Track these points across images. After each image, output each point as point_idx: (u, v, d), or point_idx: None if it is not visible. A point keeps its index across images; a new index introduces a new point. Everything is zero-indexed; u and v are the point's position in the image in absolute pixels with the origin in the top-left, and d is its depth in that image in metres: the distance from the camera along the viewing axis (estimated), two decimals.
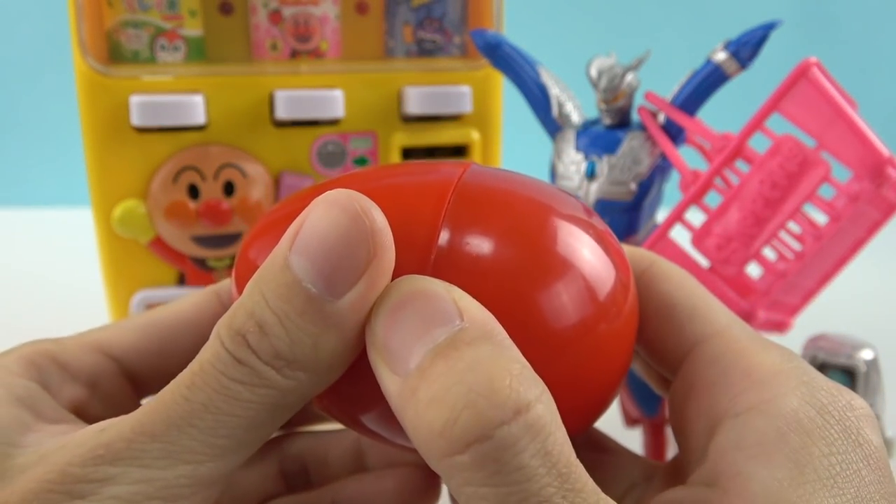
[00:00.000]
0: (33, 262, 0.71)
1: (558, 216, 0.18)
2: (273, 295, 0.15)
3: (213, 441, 0.15)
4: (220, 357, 0.16)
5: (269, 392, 0.15)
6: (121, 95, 0.35)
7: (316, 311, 0.15)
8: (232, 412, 0.15)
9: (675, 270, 0.21)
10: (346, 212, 0.15)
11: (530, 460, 0.14)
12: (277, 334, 0.15)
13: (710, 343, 0.19)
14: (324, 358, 0.16)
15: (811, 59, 0.30)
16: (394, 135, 0.39)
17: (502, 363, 0.14)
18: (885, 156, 0.28)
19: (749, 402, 0.17)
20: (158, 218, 0.36)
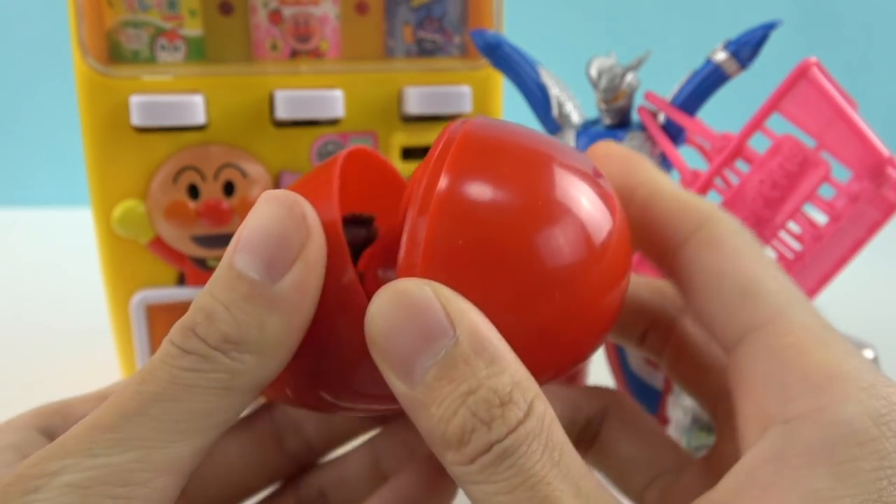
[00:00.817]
0: (33, 262, 0.71)
1: (558, 164, 0.18)
2: (219, 289, 0.17)
3: (164, 427, 0.16)
4: (168, 352, 0.17)
5: (218, 376, 0.16)
6: (121, 95, 0.35)
7: (259, 294, 0.17)
8: (181, 398, 0.16)
9: (729, 235, 0.19)
10: (280, 205, 0.17)
11: (534, 461, 0.15)
12: (224, 319, 0.16)
13: (763, 333, 0.17)
14: (270, 339, 0.17)
15: (811, 59, 0.30)
16: (394, 135, 0.39)
17: (497, 382, 0.15)
18: (885, 156, 0.28)
19: (801, 408, 0.16)
20: (158, 218, 0.36)
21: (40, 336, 0.53)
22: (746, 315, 0.18)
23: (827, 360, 0.16)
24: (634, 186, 0.21)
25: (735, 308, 0.18)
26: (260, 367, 0.17)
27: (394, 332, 0.16)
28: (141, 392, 0.16)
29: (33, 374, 0.47)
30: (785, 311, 0.17)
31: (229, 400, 0.17)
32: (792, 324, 0.17)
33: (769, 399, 0.16)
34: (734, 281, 0.18)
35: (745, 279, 0.18)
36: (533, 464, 0.15)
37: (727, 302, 0.18)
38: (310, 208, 0.18)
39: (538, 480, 0.15)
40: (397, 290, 0.16)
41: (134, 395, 0.16)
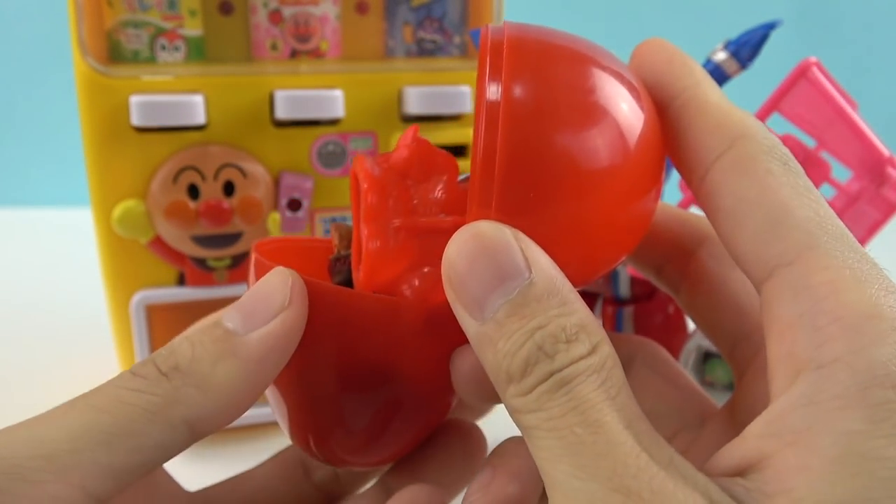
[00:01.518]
0: (33, 262, 0.71)
1: (604, 69, 0.18)
2: (195, 332, 0.18)
3: (79, 434, 0.16)
4: (121, 375, 0.17)
5: (153, 399, 0.17)
6: (121, 95, 0.35)
7: (225, 339, 0.18)
8: (108, 410, 0.17)
9: (761, 154, 0.17)
10: (275, 273, 0.19)
11: (589, 390, 0.15)
12: (183, 352, 0.18)
13: (793, 269, 0.16)
14: (218, 379, 0.17)
15: (811, 59, 0.30)
16: (394, 135, 0.39)
17: (566, 321, 0.16)
18: (885, 156, 0.29)
19: (835, 352, 0.15)
20: (158, 218, 0.36)
21: (40, 336, 0.53)
22: (774, 248, 0.16)
23: (861, 299, 0.15)
24: (673, 95, 0.19)
25: (762, 240, 0.16)
26: (198, 404, 0.17)
27: (470, 270, 0.17)
28: (74, 403, 0.17)
29: (33, 374, 0.47)
30: (817, 243, 0.16)
31: (157, 427, 0.17)
32: (824, 258, 0.16)
33: (801, 343, 0.15)
34: (763, 209, 0.17)
35: (775, 207, 0.16)
36: (588, 392, 0.15)
37: (754, 232, 0.17)
38: (300, 281, 0.19)
39: (590, 406, 0.15)
40: (476, 233, 0.17)
41: (66, 405, 0.17)
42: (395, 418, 0.22)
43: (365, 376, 0.20)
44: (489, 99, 0.17)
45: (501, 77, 0.17)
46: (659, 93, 0.19)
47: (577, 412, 0.15)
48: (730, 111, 0.18)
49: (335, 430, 0.21)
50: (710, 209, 0.18)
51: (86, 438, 0.16)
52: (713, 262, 0.21)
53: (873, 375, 0.14)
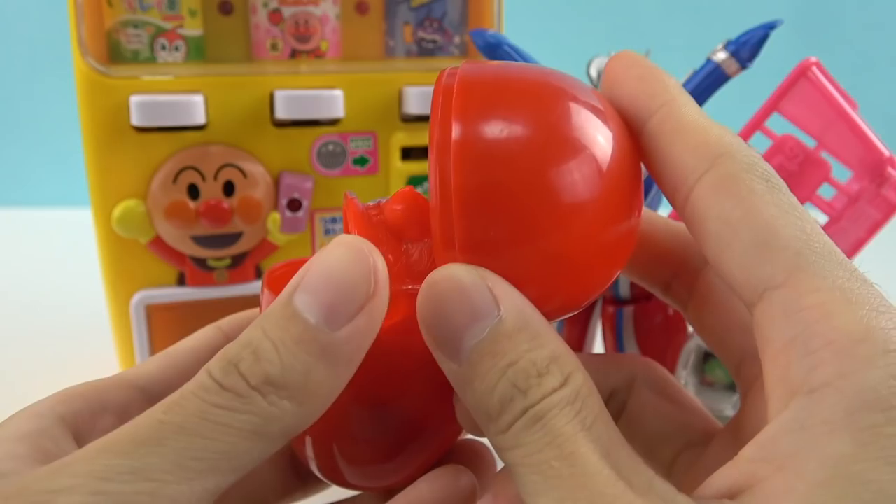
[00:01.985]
0: (33, 262, 0.71)
1: (559, 97, 0.18)
2: (272, 326, 0.16)
3: (182, 462, 0.15)
4: (203, 385, 0.16)
5: (251, 419, 0.16)
6: (121, 95, 0.35)
7: (312, 339, 0.16)
8: (207, 435, 0.15)
9: (742, 173, 0.17)
10: (352, 251, 0.17)
11: (563, 423, 0.15)
12: (270, 359, 0.16)
13: (783, 293, 0.16)
14: (313, 388, 0.16)
15: (811, 59, 0.30)
16: (394, 135, 0.39)
17: (537, 355, 0.16)
18: (885, 156, 0.29)
19: (825, 377, 0.15)
20: (158, 218, 0.36)
21: (40, 336, 0.53)
22: (763, 270, 0.16)
23: (852, 321, 0.15)
24: (648, 113, 0.18)
25: (750, 262, 0.16)
26: (295, 415, 0.16)
27: (441, 314, 0.17)
28: (164, 422, 0.16)
29: (33, 373, 0.47)
30: (805, 263, 0.15)
31: (256, 444, 0.16)
32: (814, 279, 0.15)
33: (793, 367, 0.15)
34: (747, 230, 0.16)
35: (760, 227, 0.16)
36: (562, 426, 0.15)
37: (741, 255, 0.16)
38: (381, 260, 0.17)
39: (565, 439, 0.15)
40: (443, 276, 0.17)
41: (156, 424, 0.16)
42: (400, 444, 0.22)
43: (374, 398, 0.20)
44: (438, 140, 0.17)
45: (450, 118, 0.17)
46: (633, 111, 0.19)
47: (553, 446, 0.15)
48: (707, 127, 0.18)
49: (338, 447, 0.21)
50: (696, 232, 0.17)
51: (190, 469, 0.15)
52: (719, 281, 0.21)
53: (862, 400, 0.14)
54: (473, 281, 0.17)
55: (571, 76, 0.19)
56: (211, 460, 0.15)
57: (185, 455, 0.15)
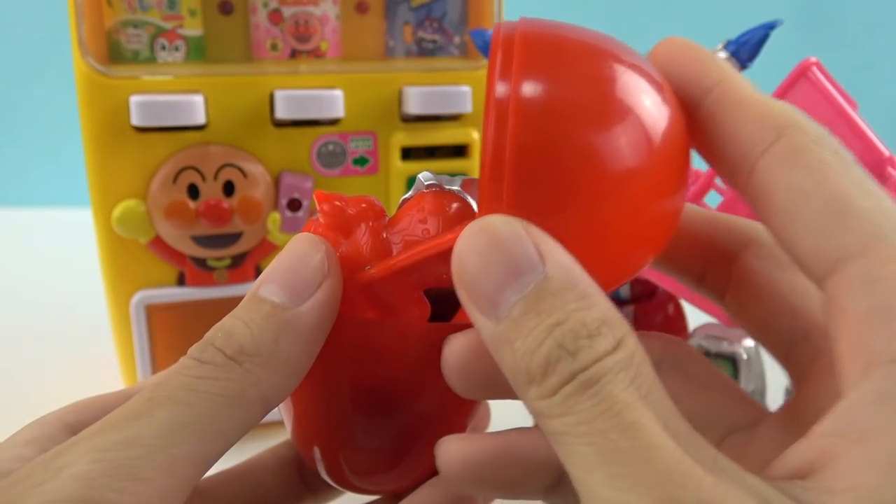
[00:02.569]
0: (33, 262, 0.71)
1: (622, 64, 0.17)
2: (241, 311, 0.18)
3: (171, 429, 0.17)
4: (184, 364, 0.18)
5: (229, 385, 0.17)
6: (121, 95, 0.35)
7: (279, 314, 0.18)
8: (191, 403, 0.17)
9: (812, 144, 0.16)
10: (305, 242, 0.19)
11: (619, 389, 0.14)
12: (242, 333, 0.18)
13: (861, 261, 0.15)
14: (283, 355, 0.18)
15: (811, 59, 0.30)
16: (394, 135, 0.39)
17: (586, 315, 0.15)
18: (885, 155, 0.29)
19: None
20: (158, 218, 0.36)
21: (40, 336, 0.53)
22: (838, 240, 0.15)
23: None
24: (705, 91, 0.18)
25: (824, 232, 0.15)
26: (270, 382, 0.18)
27: (480, 267, 0.16)
28: (152, 399, 0.17)
29: (33, 373, 0.47)
30: (885, 234, 0.15)
31: (237, 410, 0.17)
32: (893, 249, 0.15)
33: (873, 337, 0.14)
34: (821, 200, 0.15)
35: (834, 197, 0.15)
36: (618, 392, 0.14)
37: (814, 225, 0.15)
38: (331, 248, 0.19)
39: (622, 407, 0.14)
40: (484, 226, 0.16)
41: (145, 402, 0.17)
42: (405, 449, 0.21)
43: (374, 405, 0.20)
44: (498, 95, 0.16)
45: (512, 73, 0.16)
46: (688, 89, 0.18)
47: (609, 415, 0.14)
48: (770, 102, 0.17)
49: (345, 451, 0.21)
50: (762, 205, 0.17)
51: (178, 433, 0.17)
52: (761, 265, 0.20)
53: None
54: (517, 233, 0.16)
55: (629, 46, 0.19)
56: (197, 426, 0.17)
57: (173, 422, 0.17)
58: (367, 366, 0.20)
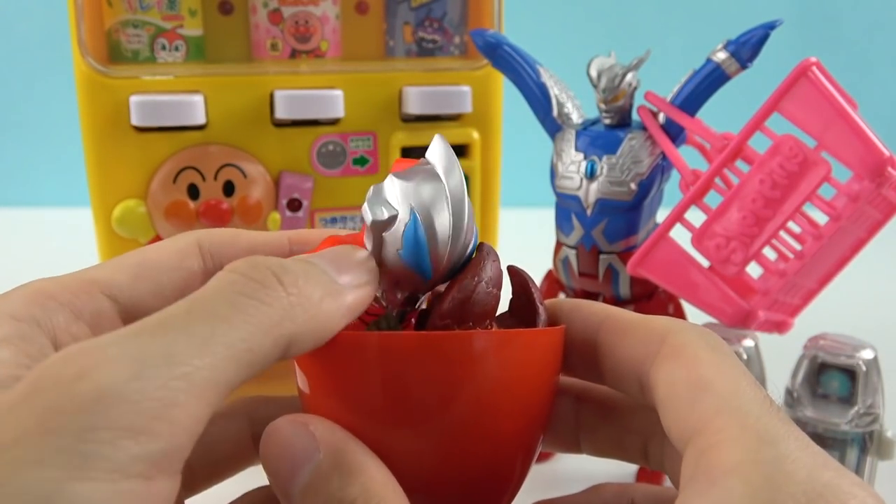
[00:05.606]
0: (33, 262, 0.71)
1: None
2: (297, 261, 0.18)
3: (212, 349, 0.15)
4: (227, 278, 0.17)
5: (272, 312, 0.17)
6: (121, 95, 0.35)
7: (331, 281, 0.19)
8: (231, 321, 0.16)
9: (686, 345, 0.19)
10: (353, 249, 0.20)
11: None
12: (297, 272, 0.18)
13: (699, 436, 0.17)
14: (323, 313, 0.18)
15: (811, 59, 0.30)
16: (394, 134, 0.39)
17: (345, 493, 0.18)
18: (885, 156, 0.28)
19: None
20: (158, 218, 0.36)
21: None
22: (691, 418, 0.17)
23: (729, 456, 0.16)
24: (594, 329, 0.21)
25: (684, 413, 0.18)
26: (303, 325, 0.17)
27: (273, 465, 0.19)
28: (191, 311, 0.16)
29: None
30: (727, 408, 0.17)
31: (269, 341, 0.16)
32: (728, 420, 0.17)
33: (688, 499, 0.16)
34: (686, 387, 0.18)
35: (697, 384, 0.18)
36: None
37: (680, 409, 0.18)
38: (371, 257, 0.20)
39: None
40: (270, 432, 0.19)
41: (183, 314, 0.16)
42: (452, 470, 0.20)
43: (424, 415, 0.19)
44: None
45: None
46: (583, 334, 0.21)
47: None
48: (651, 319, 0.20)
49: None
50: (652, 400, 0.19)
51: (217, 355, 0.15)
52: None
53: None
54: (294, 427, 0.19)
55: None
56: (234, 349, 0.16)
57: (212, 342, 0.15)
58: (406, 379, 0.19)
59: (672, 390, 0.18)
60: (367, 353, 0.19)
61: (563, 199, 0.35)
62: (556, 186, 0.35)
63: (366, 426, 0.19)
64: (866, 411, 0.33)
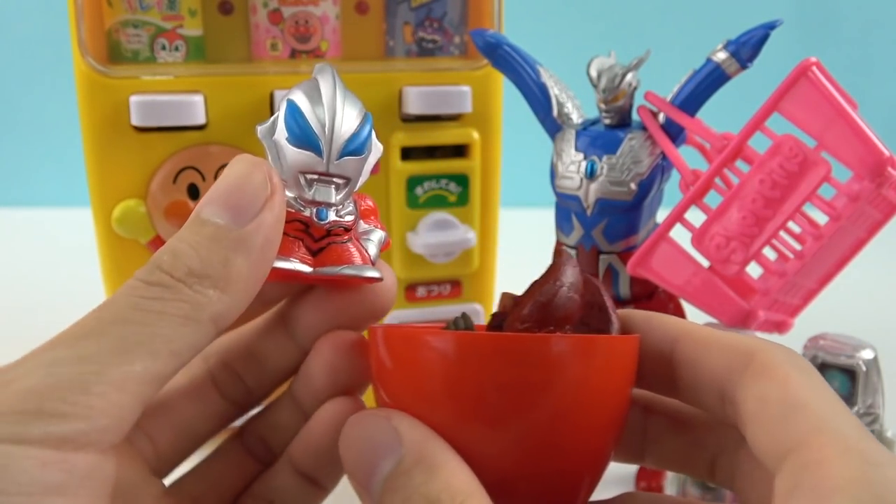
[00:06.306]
0: (33, 262, 0.71)
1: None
2: (185, 234, 0.19)
3: (122, 346, 0.17)
4: (131, 286, 0.18)
5: (181, 305, 0.18)
6: (120, 95, 0.35)
7: (224, 236, 0.18)
8: (142, 321, 0.17)
9: (777, 363, 0.19)
10: (246, 163, 0.19)
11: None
12: (189, 255, 0.18)
13: (799, 452, 0.17)
14: (233, 275, 0.18)
15: (811, 59, 0.30)
16: (394, 135, 0.39)
17: (429, 488, 0.18)
18: (885, 156, 0.28)
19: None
20: (158, 218, 0.36)
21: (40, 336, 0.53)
22: (788, 435, 0.18)
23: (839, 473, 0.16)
24: (672, 341, 0.21)
25: (779, 430, 0.18)
26: (221, 302, 0.18)
27: (354, 455, 0.19)
28: (101, 318, 0.17)
29: None
30: (827, 427, 0.17)
31: (190, 329, 0.18)
32: (829, 439, 0.17)
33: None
34: (780, 405, 0.18)
35: (791, 403, 0.18)
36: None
37: (773, 425, 0.18)
38: (273, 168, 0.20)
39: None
40: (353, 420, 0.19)
41: (93, 321, 0.17)
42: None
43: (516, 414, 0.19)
44: None
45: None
46: (658, 345, 0.21)
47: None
48: (732, 335, 0.20)
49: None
50: (737, 415, 0.19)
51: (131, 351, 0.17)
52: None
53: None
54: (377, 422, 0.19)
55: None
56: (149, 343, 0.17)
57: (124, 340, 0.17)
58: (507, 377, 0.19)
59: (764, 407, 0.18)
60: (445, 352, 0.19)
61: (563, 199, 0.35)
62: (556, 186, 0.35)
63: (441, 424, 0.19)
64: (866, 411, 0.33)
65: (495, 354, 0.19)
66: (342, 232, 0.22)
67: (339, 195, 0.22)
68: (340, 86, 0.22)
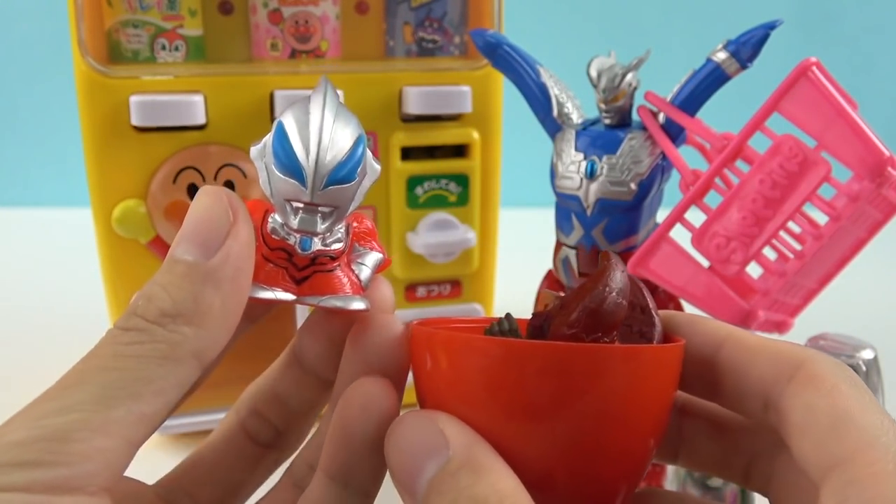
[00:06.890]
0: (33, 262, 0.71)
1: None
2: (159, 277, 0.19)
3: (104, 393, 0.17)
4: (110, 334, 0.19)
5: (157, 346, 0.18)
6: (121, 95, 0.35)
7: (193, 272, 0.19)
8: (121, 367, 0.18)
9: (825, 374, 0.19)
10: (208, 195, 0.20)
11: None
12: (161, 297, 0.19)
13: (846, 466, 0.17)
14: (205, 309, 0.19)
15: (811, 59, 0.30)
16: (394, 135, 0.39)
17: (476, 490, 0.18)
18: (885, 156, 0.28)
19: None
20: (158, 218, 0.36)
21: (40, 336, 0.53)
22: (836, 447, 0.17)
23: (889, 488, 0.16)
24: (716, 346, 0.21)
25: (826, 441, 0.18)
26: (199, 336, 0.19)
27: (399, 456, 0.19)
28: (83, 369, 0.18)
29: (33, 373, 0.47)
30: (877, 442, 0.17)
31: (170, 368, 0.18)
32: (879, 453, 0.17)
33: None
34: (828, 416, 0.18)
35: (839, 415, 0.18)
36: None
37: (820, 436, 0.18)
38: (235, 196, 0.20)
39: None
40: (400, 421, 0.19)
41: (76, 372, 0.18)
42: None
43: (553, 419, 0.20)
44: None
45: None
46: (701, 348, 0.21)
47: None
48: (778, 343, 0.20)
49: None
50: (782, 423, 0.19)
51: (112, 397, 0.17)
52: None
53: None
54: (424, 423, 0.19)
55: None
56: (129, 387, 0.18)
57: (105, 387, 0.18)
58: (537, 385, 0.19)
59: (811, 417, 0.18)
60: (496, 359, 0.19)
61: (563, 199, 0.35)
62: (556, 186, 0.35)
63: (484, 427, 0.19)
64: None
65: (546, 363, 0.19)
66: (328, 261, 0.22)
67: (325, 224, 0.21)
68: (332, 105, 0.21)
